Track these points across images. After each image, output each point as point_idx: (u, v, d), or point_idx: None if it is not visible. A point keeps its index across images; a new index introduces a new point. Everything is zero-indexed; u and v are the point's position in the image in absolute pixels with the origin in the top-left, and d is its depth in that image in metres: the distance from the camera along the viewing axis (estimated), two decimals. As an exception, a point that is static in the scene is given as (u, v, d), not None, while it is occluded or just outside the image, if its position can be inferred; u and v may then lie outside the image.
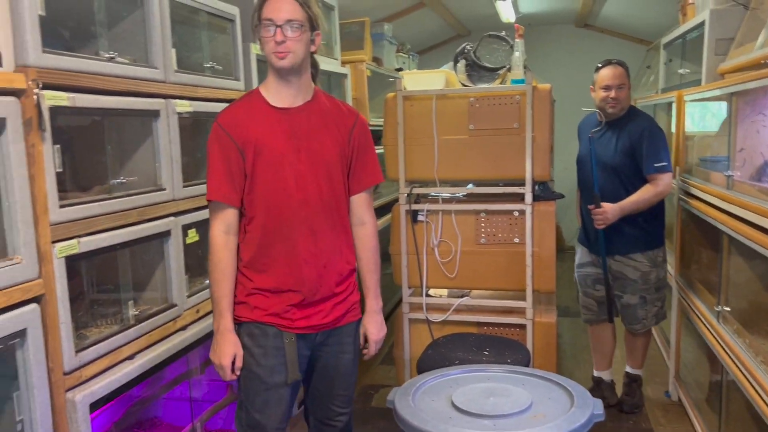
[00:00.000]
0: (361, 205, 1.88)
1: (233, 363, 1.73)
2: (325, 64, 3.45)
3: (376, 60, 4.54)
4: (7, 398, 1.51)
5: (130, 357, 1.86)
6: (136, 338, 1.88)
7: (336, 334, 1.84)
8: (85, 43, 1.88)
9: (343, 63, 3.83)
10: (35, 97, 1.53)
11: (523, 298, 2.77)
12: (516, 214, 2.77)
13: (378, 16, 4.88)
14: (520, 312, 2.78)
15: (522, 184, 2.74)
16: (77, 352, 1.65)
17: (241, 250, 1.76)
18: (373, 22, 4.46)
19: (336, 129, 1.81)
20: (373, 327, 1.92)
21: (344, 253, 1.84)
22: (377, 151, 1.78)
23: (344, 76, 3.76)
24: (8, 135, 1.46)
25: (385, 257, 4.34)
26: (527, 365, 2.35)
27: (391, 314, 4.42)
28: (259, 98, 1.76)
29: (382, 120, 2.95)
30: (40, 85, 1.54)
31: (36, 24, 1.53)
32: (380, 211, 4.22)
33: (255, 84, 2.58)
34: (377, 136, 4.17)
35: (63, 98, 1.62)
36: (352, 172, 1.85)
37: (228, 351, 1.71)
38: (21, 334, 1.48)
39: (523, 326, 2.78)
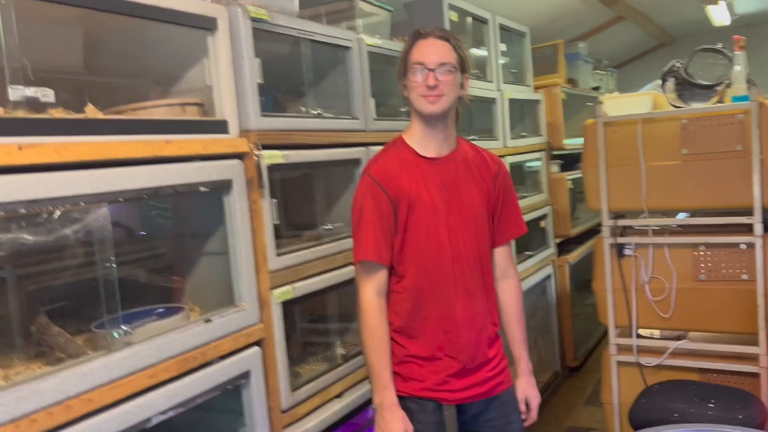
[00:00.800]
0: (505, 257, 1.77)
1: None
2: (517, 92, 3.38)
3: (571, 81, 4.36)
4: (235, 433, 1.66)
5: (339, 395, 1.95)
6: (344, 377, 1.97)
7: (496, 403, 1.69)
8: (294, 103, 2.04)
9: (536, 88, 3.74)
10: (256, 158, 1.68)
11: (754, 342, 2.44)
12: (743, 247, 2.45)
13: (572, 35, 4.70)
14: (752, 358, 2.45)
15: (748, 213, 2.42)
16: (293, 390, 1.77)
17: (390, 313, 1.64)
18: (567, 42, 4.31)
19: (482, 179, 1.70)
20: (533, 390, 1.77)
21: (492, 314, 1.72)
22: (575, 176, 1.67)
23: (537, 102, 3.66)
24: (234, 194, 1.62)
25: (583, 291, 4.15)
26: (763, 424, 2.05)
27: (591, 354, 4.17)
28: (406, 147, 1.66)
29: (579, 143, 2.81)
30: (260, 147, 1.70)
31: (255, 92, 1.69)
32: (577, 240, 4.02)
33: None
34: (574, 160, 4.03)
35: (279, 157, 1.76)
36: (496, 224, 1.74)
37: (399, 427, 1.56)
38: (245, 375, 1.62)
39: (755, 375, 2.44)
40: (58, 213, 1.21)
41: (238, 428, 1.66)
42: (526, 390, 1.76)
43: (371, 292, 1.59)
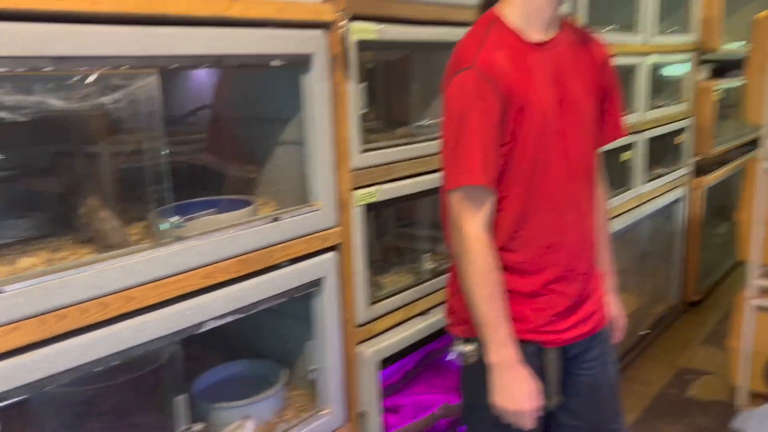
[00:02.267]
0: (600, 162, 1.40)
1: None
2: (669, -22, 2.82)
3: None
4: (301, 347, 1.49)
5: (423, 313, 1.73)
6: (431, 293, 1.74)
7: (597, 340, 1.38)
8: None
9: (691, -25, 3.12)
10: (342, 30, 1.40)
11: None
12: None
13: None
14: None
15: None
16: (371, 304, 1.57)
17: None
18: None
19: (586, 68, 1.31)
20: (620, 309, 1.48)
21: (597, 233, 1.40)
22: (726, 86, 1.26)
23: (691, -9, 3.06)
24: (314, 73, 1.36)
25: (715, 219, 3.64)
26: None
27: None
28: (506, 30, 1.24)
29: (738, 47, 2.29)
30: (349, 17, 1.41)
31: (346, -54, 1.38)
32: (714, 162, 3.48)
33: None
34: (726, 68, 3.41)
35: (371, 31, 1.47)
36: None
37: (530, 389, 1.25)
38: (317, 283, 1.42)
39: None
40: (93, 76, 1.01)
41: (304, 339, 1.49)
42: (613, 309, 1.47)
43: (478, 226, 1.21)
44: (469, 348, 1.29)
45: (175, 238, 1.15)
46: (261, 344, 1.63)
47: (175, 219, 1.14)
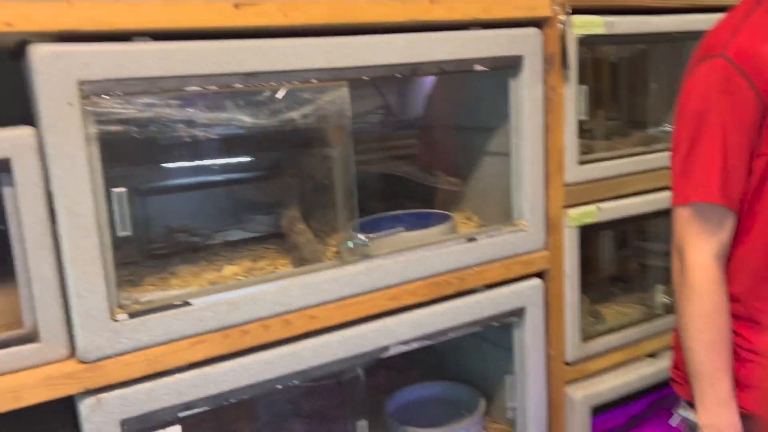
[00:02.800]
0: None
1: None
2: None
3: None
4: (502, 377, 1.34)
5: (653, 355, 1.47)
6: (663, 332, 1.47)
7: None
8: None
9: None
10: (561, 26, 1.22)
11: None
12: None
13: None
14: None
15: None
16: (584, 340, 1.36)
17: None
18: None
19: None
20: None
21: None
22: None
23: None
24: (524, 76, 1.21)
25: None
26: None
27: None
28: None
29: None
30: (569, 10, 1.22)
31: (568, -70, 1.20)
32: None
33: None
34: None
35: (597, 24, 1.26)
36: None
37: None
38: (518, 313, 1.27)
39: None
40: (282, 91, 0.99)
41: (503, 371, 1.34)
42: None
43: (708, 255, 0.97)
44: (695, 416, 1.03)
45: (361, 257, 1.10)
46: (460, 367, 1.53)
47: (360, 238, 1.09)
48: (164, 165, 1.25)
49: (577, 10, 1.23)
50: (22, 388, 0.85)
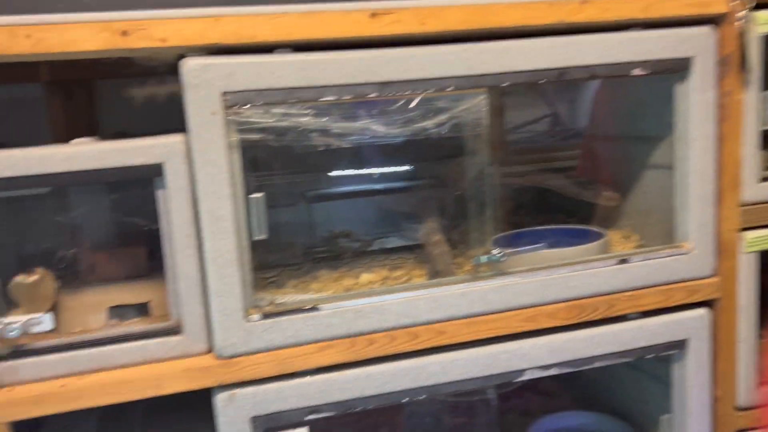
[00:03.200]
0: None
1: None
2: None
3: None
4: (657, 419, 1.20)
5: None
6: None
7: None
8: None
9: None
10: (739, 23, 1.07)
11: None
12: None
13: None
14: None
15: None
16: (761, 385, 1.17)
17: None
18: None
19: None
20: None
21: None
22: None
23: None
24: (693, 80, 1.08)
25: None
26: None
27: None
28: None
29: None
30: (750, 6, 1.07)
31: None
32: None
33: None
34: None
35: (788, 19, 1.09)
36: None
37: None
38: (679, 345, 1.13)
39: None
40: (416, 100, 0.97)
41: (661, 409, 1.20)
42: None
43: None
44: None
45: (496, 273, 1.04)
46: (614, 398, 1.39)
47: (495, 252, 1.03)
48: (303, 173, 1.30)
49: (761, 5, 1.07)
50: (164, 377, 0.92)
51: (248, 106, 0.89)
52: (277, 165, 1.18)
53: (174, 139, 0.91)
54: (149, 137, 0.91)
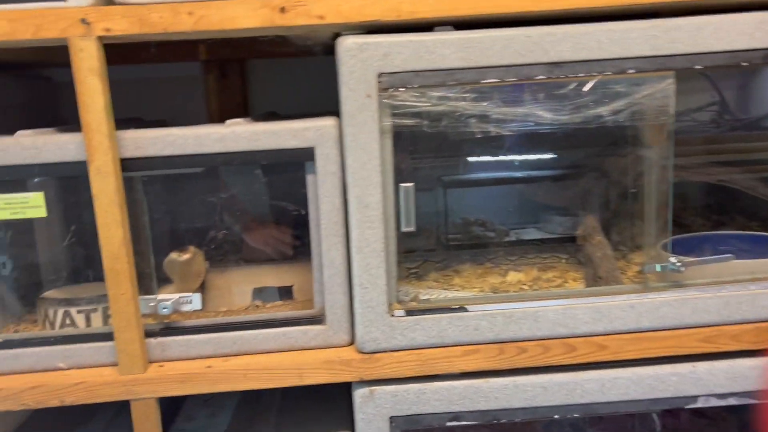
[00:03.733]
0: None
1: None
2: None
3: None
4: None
5: None
6: None
7: None
8: None
9: None
10: None
11: None
12: None
13: None
14: None
15: None
16: None
17: None
18: None
19: None
20: None
21: None
22: None
23: None
24: None
25: None
26: None
27: None
28: None
29: None
30: None
31: None
32: None
33: None
34: None
35: None
36: None
37: None
38: None
39: None
40: (590, 83, 0.86)
41: None
42: None
43: None
44: None
45: (671, 284, 0.91)
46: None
47: (672, 261, 0.90)
48: (460, 158, 1.22)
49: None
50: (305, 366, 0.89)
51: (404, 88, 0.83)
52: (417, 149, 1.11)
53: (326, 123, 0.87)
54: (302, 120, 0.88)
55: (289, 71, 1.40)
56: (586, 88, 0.86)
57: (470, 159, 1.29)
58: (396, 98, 0.84)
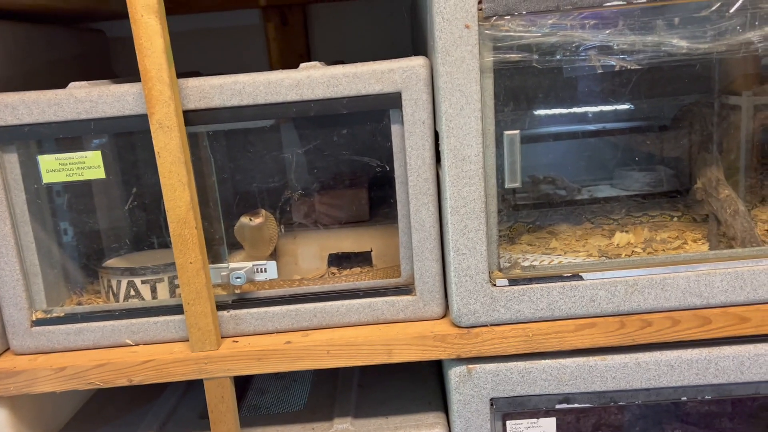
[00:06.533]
0: None
1: None
2: None
3: None
4: None
5: None
6: None
7: None
8: None
9: None
10: None
11: None
12: None
13: None
14: None
15: None
16: None
17: None
18: None
19: None
20: None
21: None
22: None
23: None
24: None
25: None
26: None
27: None
28: None
29: None
30: None
31: None
32: None
33: None
34: None
35: None
36: None
37: None
38: None
39: None
40: (738, 3, 0.70)
41: None
42: None
43: None
44: None
45: (828, 245, 0.77)
46: None
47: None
48: (543, 107, 1.08)
49: None
50: (394, 342, 0.79)
51: (510, 16, 0.70)
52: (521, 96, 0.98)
53: (415, 62, 0.74)
54: (386, 61, 0.75)
55: (356, 15, 1.27)
56: (732, 10, 0.70)
57: (560, 108, 1.14)
58: (500, 28, 0.70)
